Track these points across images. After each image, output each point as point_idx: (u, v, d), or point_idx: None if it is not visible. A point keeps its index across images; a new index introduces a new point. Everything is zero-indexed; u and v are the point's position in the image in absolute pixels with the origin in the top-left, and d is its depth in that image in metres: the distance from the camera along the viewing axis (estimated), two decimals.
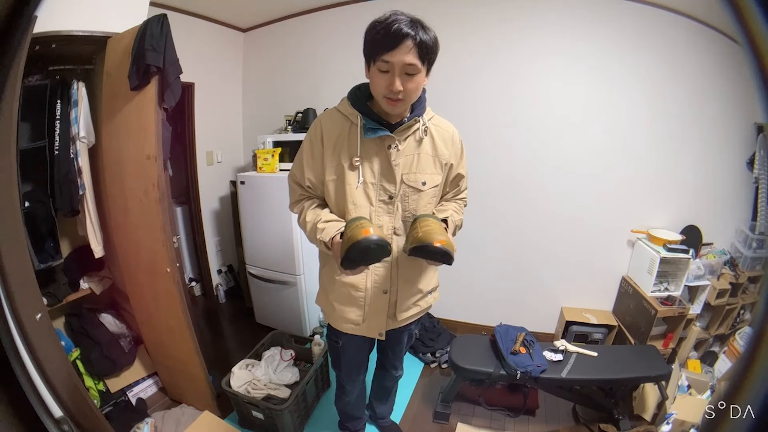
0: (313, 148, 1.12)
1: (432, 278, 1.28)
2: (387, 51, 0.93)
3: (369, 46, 0.97)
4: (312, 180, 1.14)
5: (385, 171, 1.09)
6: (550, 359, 1.90)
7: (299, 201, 1.19)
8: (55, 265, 1.83)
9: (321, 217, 1.10)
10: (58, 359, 0.97)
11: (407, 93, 0.98)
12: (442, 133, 1.14)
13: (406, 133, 1.09)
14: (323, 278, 1.29)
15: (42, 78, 1.69)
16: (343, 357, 1.40)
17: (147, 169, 1.61)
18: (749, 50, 0.35)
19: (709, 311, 2.30)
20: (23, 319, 0.56)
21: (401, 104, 1.01)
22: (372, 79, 1.01)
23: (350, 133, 1.08)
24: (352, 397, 1.56)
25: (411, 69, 0.95)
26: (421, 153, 1.11)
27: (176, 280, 1.69)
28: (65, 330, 1.98)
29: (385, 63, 0.94)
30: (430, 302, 1.31)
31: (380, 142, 1.08)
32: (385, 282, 1.18)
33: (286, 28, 2.89)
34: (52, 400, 0.57)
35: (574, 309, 2.54)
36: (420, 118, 1.10)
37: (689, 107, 2.20)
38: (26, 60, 0.55)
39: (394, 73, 0.95)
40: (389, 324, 1.25)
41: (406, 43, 0.91)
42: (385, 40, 0.92)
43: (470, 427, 1.94)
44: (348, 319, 1.23)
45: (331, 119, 1.11)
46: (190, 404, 2.01)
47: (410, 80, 0.96)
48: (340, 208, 1.12)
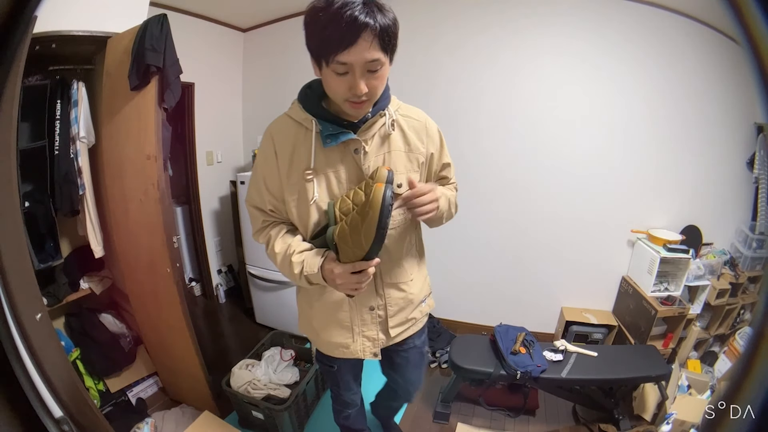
0: (267, 165, 0.96)
1: (423, 285, 1.15)
2: (343, 49, 0.74)
3: (316, 43, 0.78)
4: (274, 203, 0.98)
5: (353, 178, 0.94)
6: (550, 359, 1.90)
7: (263, 229, 1.03)
8: (55, 265, 1.83)
9: (293, 247, 0.94)
10: (58, 359, 0.97)
11: (372, 92, 0.82)
12: (413, 124, 0.98)
13: (371, 130, 0.94)
14: (301, 304, 1.16)
15: (42, 78, 1.68)
16: (341, 378, 1.28)
17: (147, 169, 1.61)
18: (749, 50, 0.35)
19: (709, 311, 2.30)
20: (23, 319, 0.56)
21: (366, 105, 0.86)
22: (327, 81, 0.83)
23: (305, 141, 0.93)
24: (353, 409, 1.43)
25: (374, 65, 0.78)
26: (391, 150, 0.95)
27: (176, 280, 1.69)
28: (65, 330, 1.98)
29: (342, 65, 0.76)
30: (425, 311, 1.18)
31: (344, 146, 0.92)
32: (369, 297, 1.03)
33: (286, 28, 2.89)
34: (52, 400, 0.57)
35: (574, 309, 2.54)
36: (385, 111, 0.94)
37: (689, 107, 2.20)
38: (26, 60, 0.55)
39: (354, 74, 0.78)
40: (383, 342, 1.10)
41: (364, 36, 0.73)
42: (337, 36, 0.73)
43: (470, 427, 1.93)
44: (337, 344, 1.09)
45: (282, 129, 0.95)
46: (190, 404, 2.01)
47: (374, 77, 0.80)
48: (308, 231, 0.97)
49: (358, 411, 1.46)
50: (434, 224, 1.09)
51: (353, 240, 0.83)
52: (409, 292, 1.08)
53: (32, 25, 0.51)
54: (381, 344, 1.09)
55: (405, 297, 1.08)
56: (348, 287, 0.88)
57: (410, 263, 1.08)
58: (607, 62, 2.23)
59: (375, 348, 1.09)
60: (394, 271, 1.04)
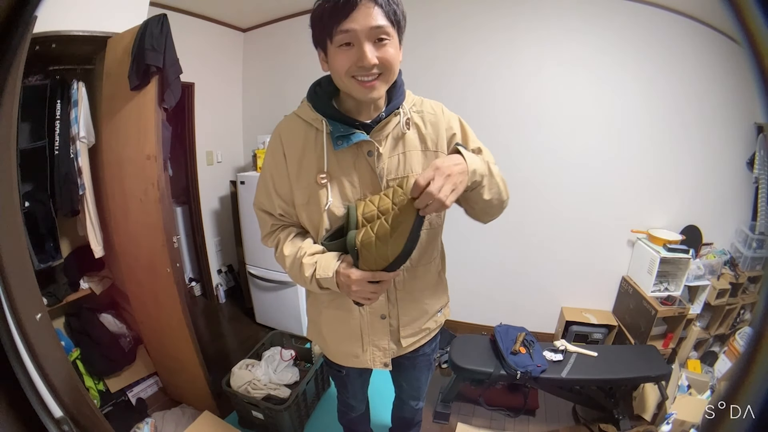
0: (276, 167, 0.91)
1: (441, 295, 1.08)
2: (344, 17, 0.71)
3: (319, 25, 0.76)
4: (283, 206, 0.94)
5: (367, 182, 0.88)
6: (550, 359, 1.90)
7: (272, 233, 0.98)
8: (55, 265, 1.83)
9: (304, 249, 0.89)
10: (58, 359, 0.97)
11: (384, 65, 0.76)
12: (429, 118, 0.92)
13: (385, 131, 0.87)
14: (310, 311, 1.11)
15: (42, 78, 1.69)
16: (349, 383, 1.25)
17: (147, 169, 1.61)
18: (749, 50, 0.35)
19: (709, 311, 2.30)
20: (23, 319, 0.56)
21: (379, 84, 0.78)
22: (333, 62, 0.78)
23: (316, 143, 0.87)
24: (358, 413, 1.41)
25: (380, 32, 0.74)
26: (406, 151, 0.89)
27: (176, 280, 1.69)
28: (65, 330, 1.98)
29: (345, 33, 0.73)
30: (440, 321, 1.11)
31: (356, 148, 0.86)
32: (382, 306, 0.98)
33: (286, 28, 2.89)
34: (52, 400, 0.57)
35: (574, 309, 2.54)
36: (400, 109, 0.88)
37: (689, 107, 2.20)
38: (26, 60, 0.55)
39: (360, 43, 0.73)
40: (394, 352, 1.04)
41: (364, 1, 0.71)
42: (337, 5, 0.71)
43: (470, 427, 1.93)
44: (346, 353, 1.05)
45: (291, 129, 0.90)
46: (190, 404, 2.01)
47: (383, 48, 0.75)
48: (319, 235, 0.92)
49: (362, 415, 1.44)
50: (479, 205, 0.90)
51: (378, 249, 0.79)
52: (424, 301, 1.02)
53: (32, 25, 0.51)
54: (392, 354, 1.04)
55: (420, 307, 1.02)
56: (362, 295, 0.84)
57: (428, 272, 1.01)
58: (606, 62, 2.23)
59: (385, 358, 1.04)
60: (410, 279, 0.98)
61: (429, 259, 1.00)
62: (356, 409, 1.38)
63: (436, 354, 1.25)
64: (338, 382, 1.30)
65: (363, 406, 1.40)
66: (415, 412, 1.41)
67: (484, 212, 0.95)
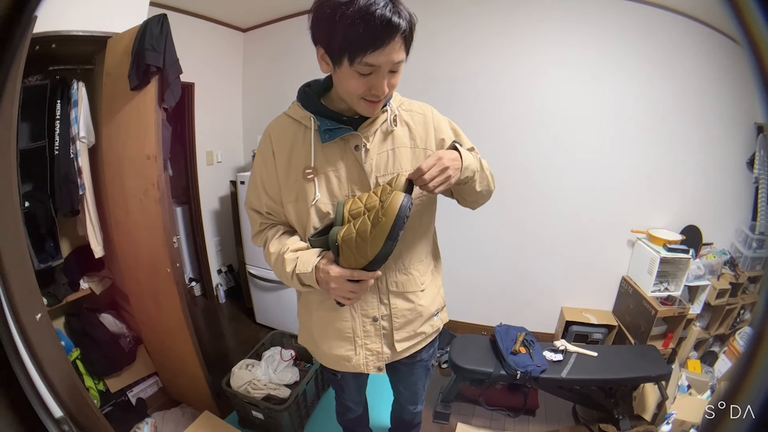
0: (265, 166, 0.93)
1: (436, 297, 1.06)
2: (373, 50, 0.71)
3: (340, 41, 0.73)
4: (270, 205, 0.95)
5: (354, 177, 0.89)
6: (550, 359, 1.90)
7: (261, 231, 1.00)
8: (55, 265, 1.82)
9: (288, 246, 0.91)
10: (58, 359, 0.97)
11: (391, 91, 0.82)
12: (417, 118, 0.94)
13: (373, 127, 0.89)
14: (301, 313, 1.09)
15: (42, 78, 1.68)
16: (346, 386, 1.24)
17: (147, 169, 1.61)
18: (749, 50, 0.35)
19: (709, 311, 2.30)
20: (23, 319, 0.56)
21: (381, 103, 0.83)
22: (345, 83, 0.79)
23: (304, 139, 0.89)
24: (356, 415, 1.41)
25: (398, 66, 0.77)
26: (396, 148, 0.91)
27: (176, 280, 1.69)
28: (65, 330, 1.97)
29: (369, 66, 0.74)
30: (437, 325, 1.08)
31: (344, 144, 0.88)
32: (372, 306, 0.96)
33: (286, 28, 2.89)
34: (52, 400, 0.57)
35: (574, 309, 2.54)
36: (387, 107, 0.90)
37: (689, 107, 2.20)
38: (26, 60, 0.55)
39: (379, 75, 0.76)
40: (388, 356, 1.01)
41: (396, 38, 0.72)
42: (370, 36, 0.70)
43: (470, 427, 1.94)
44: (338, 356, 1.01)
45: (280, 128, 0.92)
46: (190, 404, 2.01)
47: (394, 76, 0.79)
48: (307, 233, 0.93)
49: (360, 417, 1.44)
50: (471, 197, 0.99)
51: (358, 246, 0.78)
52: (418, 303, 0.99)
53: (32, 25, 0.51)
54: (386, 359, 1.01)
55: (413, 309, 0.99)
56: (340, 293, 0.84)
57: (421, 271, 1.00)
58: (606, 62, 2.23)
59: (379, 362, 1.01)
60: (401, 279, 0.96)
61: (420, 259, 1.00)
62: (354, 411, 1.37)
63: (435, 359, 1.24)
64: (335, 385, 1.29)
65: (361, 408, 1.40)
66: (414, 415, 1.41)
67: (474, 201, 1.04)
